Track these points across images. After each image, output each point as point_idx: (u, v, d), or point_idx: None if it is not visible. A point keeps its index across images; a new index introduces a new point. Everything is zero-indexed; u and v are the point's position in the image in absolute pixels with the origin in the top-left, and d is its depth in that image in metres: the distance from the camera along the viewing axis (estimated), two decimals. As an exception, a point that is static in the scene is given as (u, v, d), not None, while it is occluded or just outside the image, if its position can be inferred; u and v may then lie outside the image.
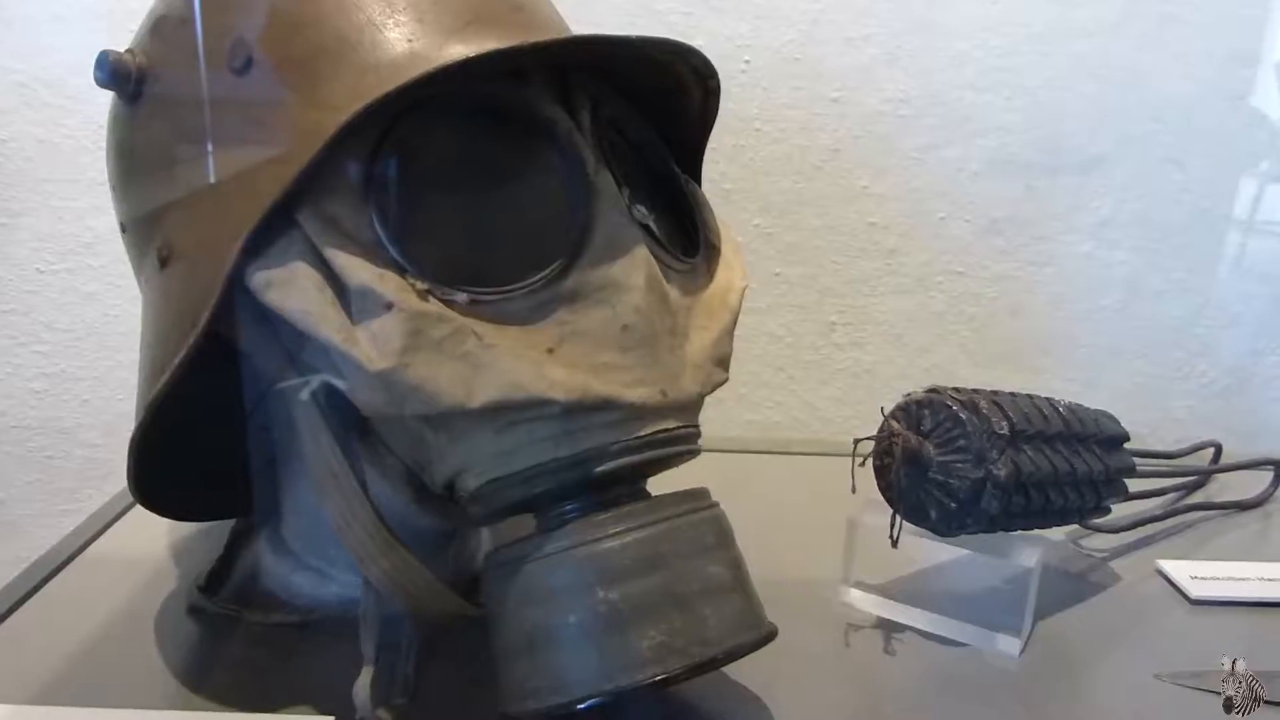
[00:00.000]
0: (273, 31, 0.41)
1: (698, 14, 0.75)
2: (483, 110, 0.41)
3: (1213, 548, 0.67)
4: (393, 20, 0.41)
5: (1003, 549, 0.53)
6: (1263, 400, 0.84)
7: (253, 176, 0.39)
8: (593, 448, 0.40)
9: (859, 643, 0.53)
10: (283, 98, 0.40)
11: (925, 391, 0.52)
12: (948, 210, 0.79)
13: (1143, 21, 0.75)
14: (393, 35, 0.41)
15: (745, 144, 0.78)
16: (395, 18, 0.41)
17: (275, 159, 0.39)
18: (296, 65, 0.40)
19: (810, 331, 0.82)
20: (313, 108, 0.39)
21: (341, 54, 0.40)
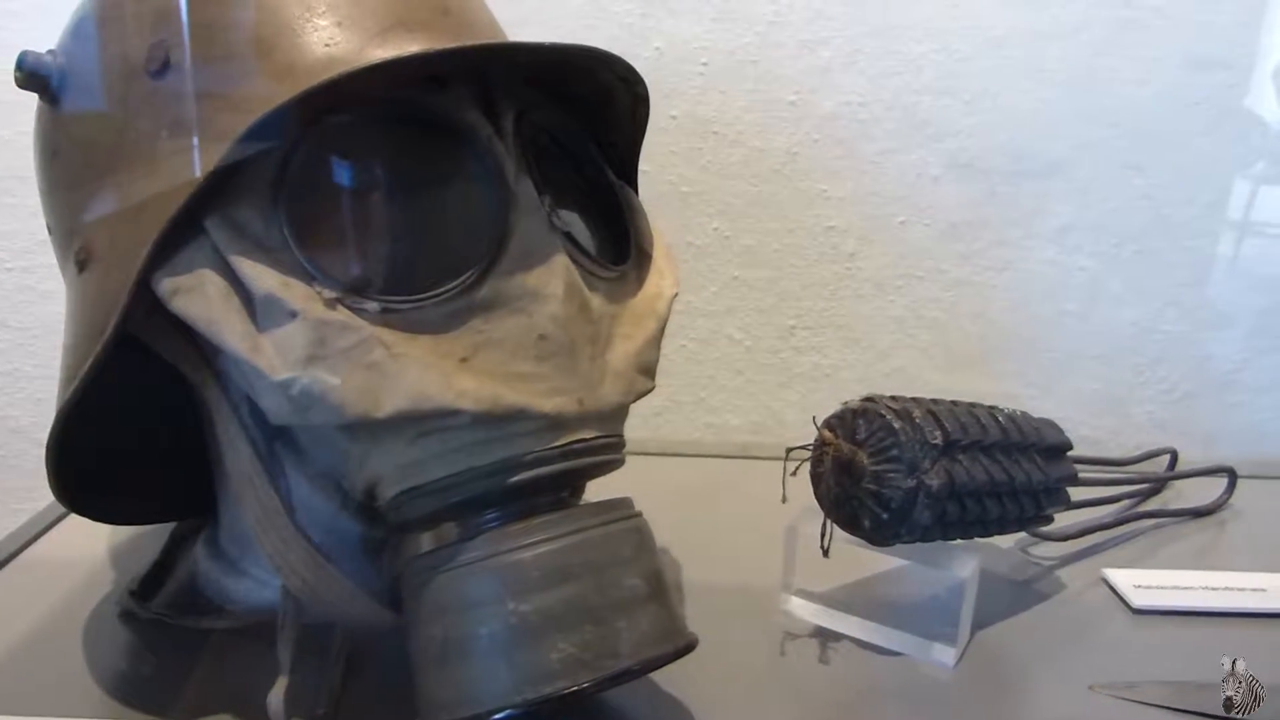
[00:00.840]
0: (190, 34, 0.41)
1: (654, 16, 0.75)
2: (399, 116, 0.41)
3: (1163, 556, 0.66)
4: (311, 24, 0.40)
5: (940, 558, 0.52)
6: (1223, 406, 0.84)
7: (164, 181, 0.39)
8: (507, 458, 0.40)
9: (795, 652, 0.53)
10: (198, 101, 0.40)
11: (861, 400, 0.51)
12: (907, 214, 0.79)
13: (1102, 26, 0.75)
14: (311, 39, 0.40)
15: (703, 147, 0.77)
16: (315, 22, 0.41)
17: (187, 164, 0.38)
18: (212, 68, 0.40)
19: (769, 335, 0.81)
20: (227, 111, 0.39)
21: (258, 58, 0.40)
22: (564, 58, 0.43)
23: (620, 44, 0.74)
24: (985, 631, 0.55)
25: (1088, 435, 0.84)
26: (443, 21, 0.43)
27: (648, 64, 0.76)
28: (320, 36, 0.40)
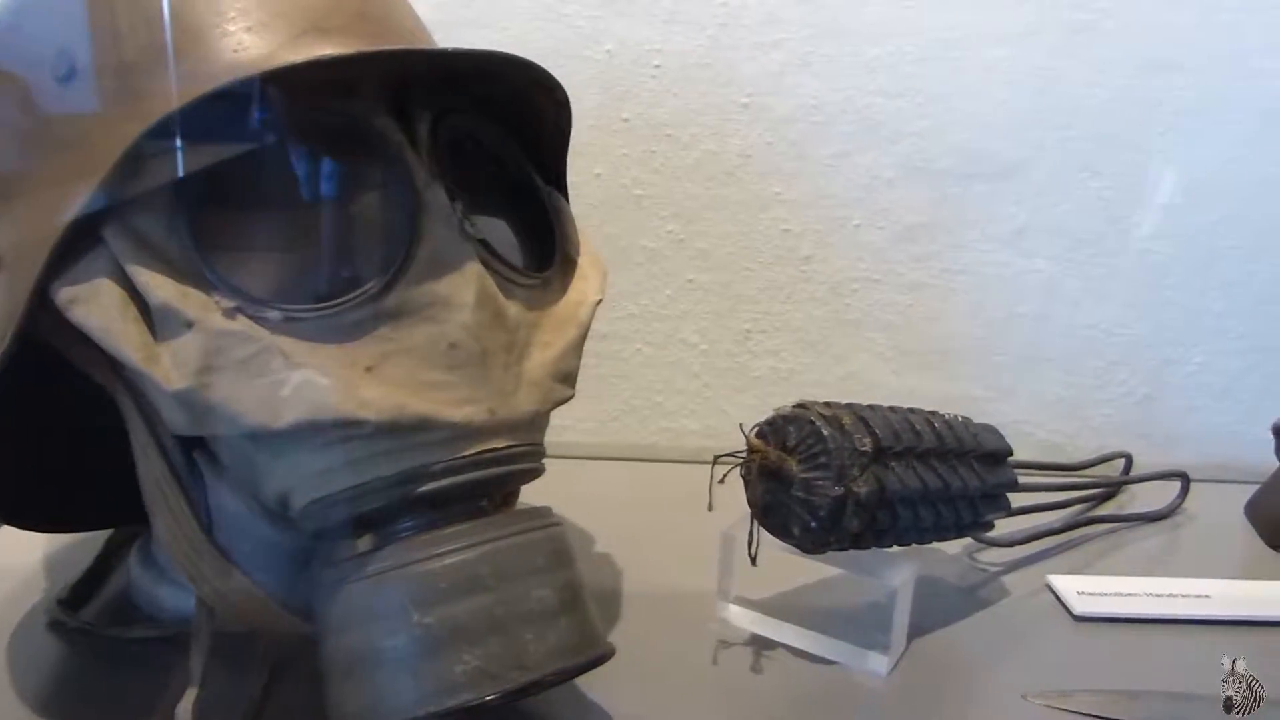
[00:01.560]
0: (96, 39, 0.40)
1: (605, 18, 0.74)
2: (306, 123, 0.40)
3: (1113, 562, 0.66)
4: (221, 30, 0.40)
5: (875, 566, 0.52)
6: (1182, 409, 0.83)
7: (67, 188, 0.38)
8: (414, 467, 0.39)
9: (727, 661, 0.52)
10: (103, 107, 0.40)
11: (793, 407, 0.51)
12: (862, 217, 0.78)
13: (1056, 28, 0.75)
14: (219, 45, 0.40)
15: (656, 150, 0.77)
16: (224, 28, 0.40)
17: (88, 170, 0.38)
18: (118, 74, 0.40)
19: (725, 339, 0.81)
20: (131, 119, 0.38)
21: (164, 64, 0.39)
22: (473, 64, 0.42)
23: (571, 46, 0.74)
24: (924, 639, 0.55)
25: (1046, 439, 0.84)
26: (358, 26, 0.43)
27: (599, 66, 0.75)
28: (229, 43, 0.40)
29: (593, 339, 0.80)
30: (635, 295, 0.80)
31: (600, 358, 0.81)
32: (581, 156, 0.77)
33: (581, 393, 0.82)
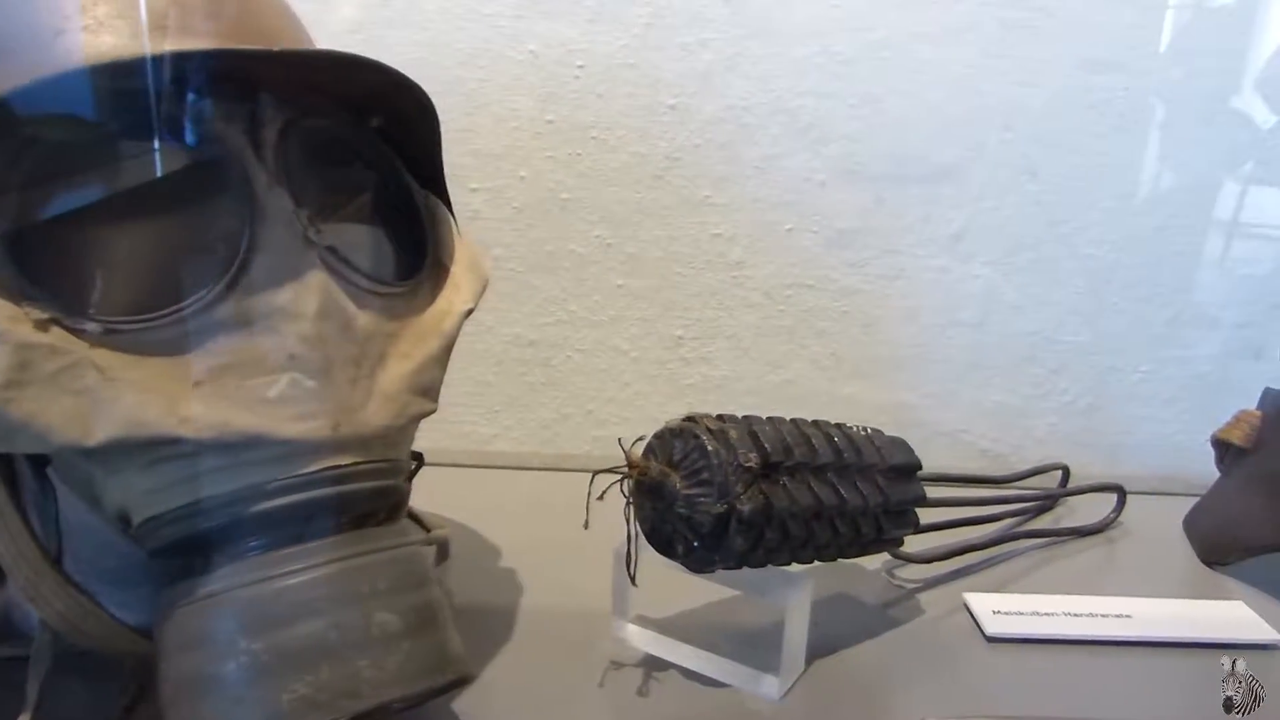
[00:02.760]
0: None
1: (528, 18, 0.73)
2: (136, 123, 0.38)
3: (1043, 578, 0.64)
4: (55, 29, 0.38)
5: (769, 585, 0.50)
6: (1128, 419, 0.81)
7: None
8: (247, 486, 0.37)
9: (615, 682, 0.50)
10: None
11: (682, 420, 0.49)
12: (794, 221, 0.76)
13: (988, 27, 0.73)
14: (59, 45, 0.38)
15: (582, 152, 0.75)
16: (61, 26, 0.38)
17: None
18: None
19: (656, 345, 0.79)
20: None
21: (0, 63, 0.38)
22: (315, 65, 0.40)
23: (493, 47, 0.72)
24: (828, 659, 0.53)
25: (988, 449, 0.82)
26: (209, 26, 0.41)
27: (522, 67, 0.73)
28: (64, 41, 0.38)
29: (521, 346, 0.79)
30: (564, 301, 0.78)
31: (529, 365, 0.79)
32: (506, 159, 0.75)
33: (512, 401, 0.81)
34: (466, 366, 0.79)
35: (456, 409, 0.81)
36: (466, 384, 0.80)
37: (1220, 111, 0.74)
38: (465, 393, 0.80)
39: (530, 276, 0.77)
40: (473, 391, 0.80)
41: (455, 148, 0.75)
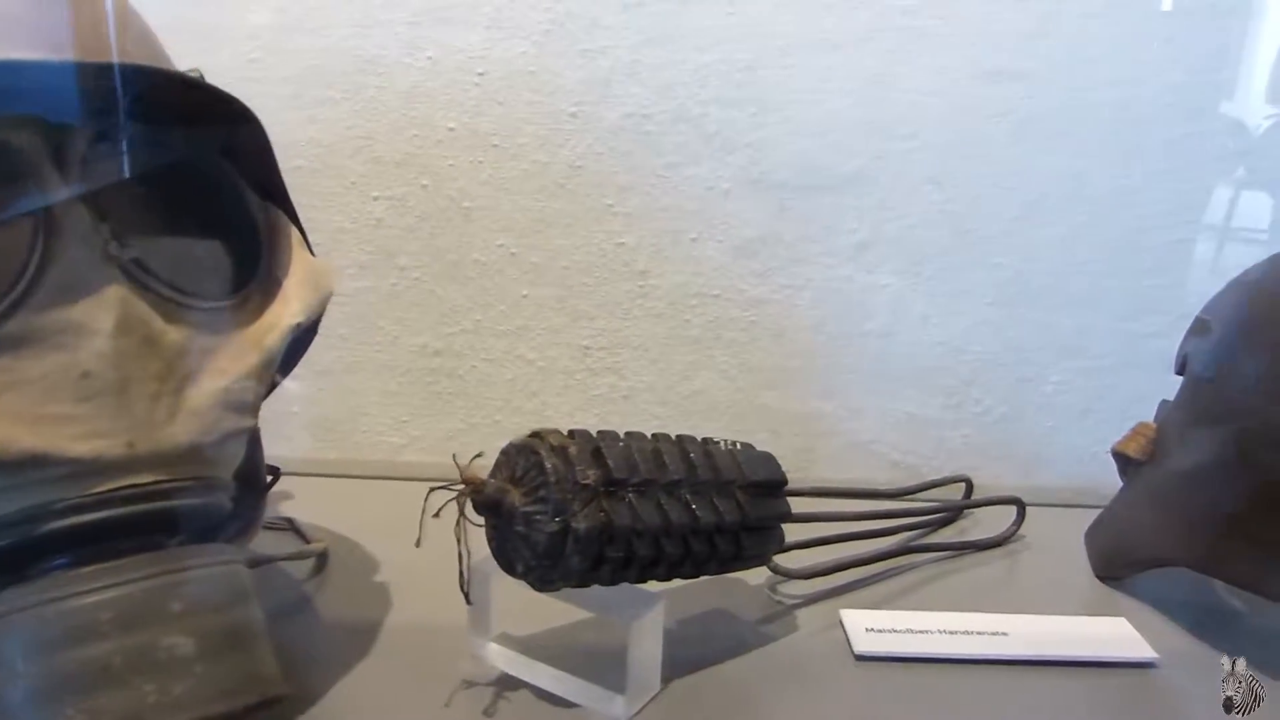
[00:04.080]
0: None
1: (426, 24, 0.72)
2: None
3: (935, 594, 0.63)
4: None
5: (619, 603, 0.49)
6: (1042, 430, 0.80)
7: None
8: (35, 506, 0.37)
9: (463, 702, 0.49)
10: None
11: (528, 435, 0.48)
12: (699, 230, 0.76)
13: (892, 34, 0.72)
14: None
15: (483, 160, 0.74)
16: None
17: None
18: None
19: (563, 356, 0.78)
20: None
21: None
22: (115, 78, 0.40)
23: (391, 54, 0.72)
24: (690, 678, 0.52)
25: (900, 460, 0.81)
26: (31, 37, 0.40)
27: (421, 74, 0.73)
28: None
29: (428, 355, 0.79)
30: (469, 311, 0.77)
31: (436, 375, 0.79)
32: (406, 167, 0.74)
33: (419, 411, 0.80)
34: (373, 377, 0.79)
35: (365, 419, 0.80)
36: (373, 394, 0.79)
37: (1125, 120, 0.74)
38: (373, 403, 0.79)
39: (435, 286, 0.77)
40: (380, 402, 0.79)
41: (356, 156, 0.74)
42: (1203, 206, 0.75)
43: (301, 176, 0.74)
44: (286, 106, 0.73)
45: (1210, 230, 0.76)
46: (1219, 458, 0.57)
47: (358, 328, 0.77)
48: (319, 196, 0.75)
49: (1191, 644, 0.58)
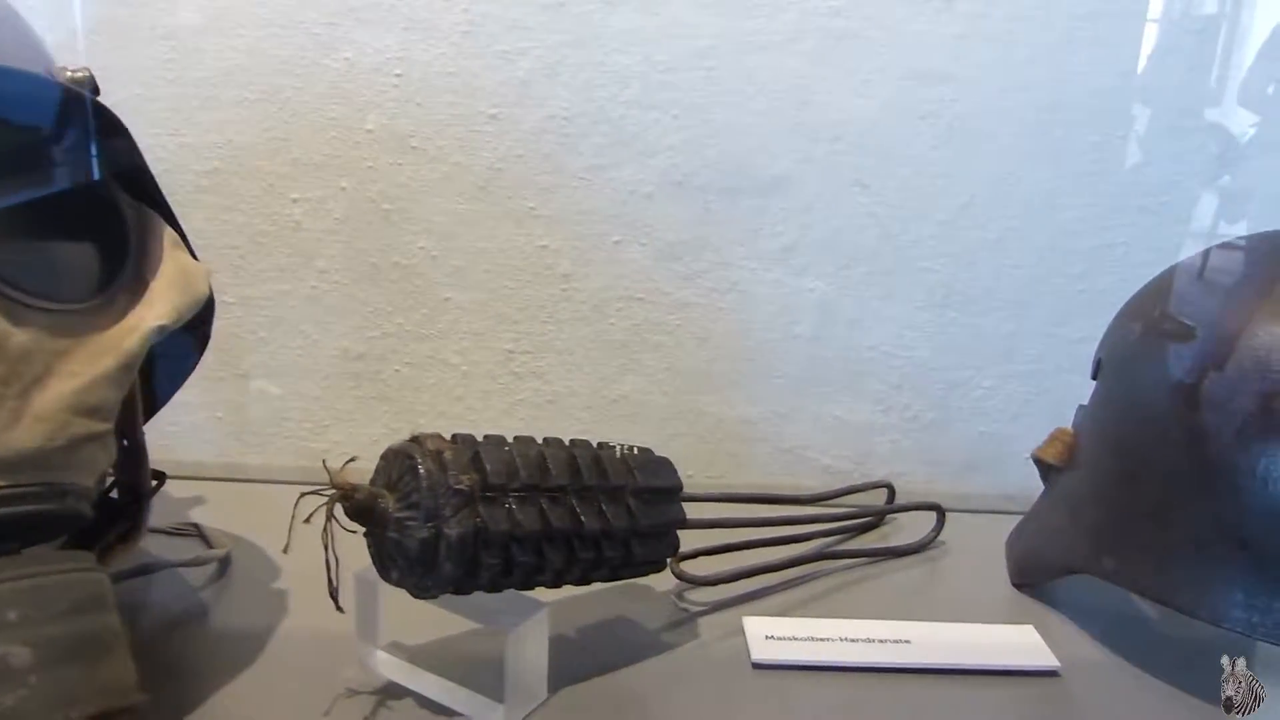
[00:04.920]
0: None
1: (343, 25, 0.71)
2: None
3: (847, 600, 0.62)
4: None
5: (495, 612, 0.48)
6: (973, 435, 0.80)
7: None
8: None
9: (344, 712, 0.48)
10: None
11: (408, 440, 0.47)
12: (622, 234, 0.75)
13: (816, 36, 0.71)
14: None
15: (403, 162, 0.73)
16: None
17: None
18: None
19: (487, 360, 0.77)
20: None
21: None
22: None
23: (308, 54, 0.71)
24: (578, 687, 0.51)
25: (830, 465, 0.80)
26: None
27: (339, 75, 0.72)
28: None
29: (349, 359, 0.77)
30: (390, 314, 0.76)
31: (359, 379, 0.78)
32: (325, 169, 0.73)
33: (341, 416, 0.79)
34: (294, 381, 0.78)
35: (287, 424, 0.79)
36: (295, 399, 0.78)
37: (1053, 123, 0.73)
38: (295, 408, 0.78)
39: (355, 289, 0.76)
40: (302, 407, 0.78)
41: (274, 157, 0.73)
42: (1132, 210, 0.75)
43: (219, 178, 0.73)
44: (203, 107, 0.72)
45: (1140, 234, 0.75)
46: (1122, 464, 0.56)
47: (278, 331, 0.76)
48: (237, 198, 0.74)
49: (1099, 652, 0.57)
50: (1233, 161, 0.74)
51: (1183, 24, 0.72)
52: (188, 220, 0.73)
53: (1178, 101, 0.73)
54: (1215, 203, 0.74)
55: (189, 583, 0.60)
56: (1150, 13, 0.71)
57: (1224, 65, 0.72)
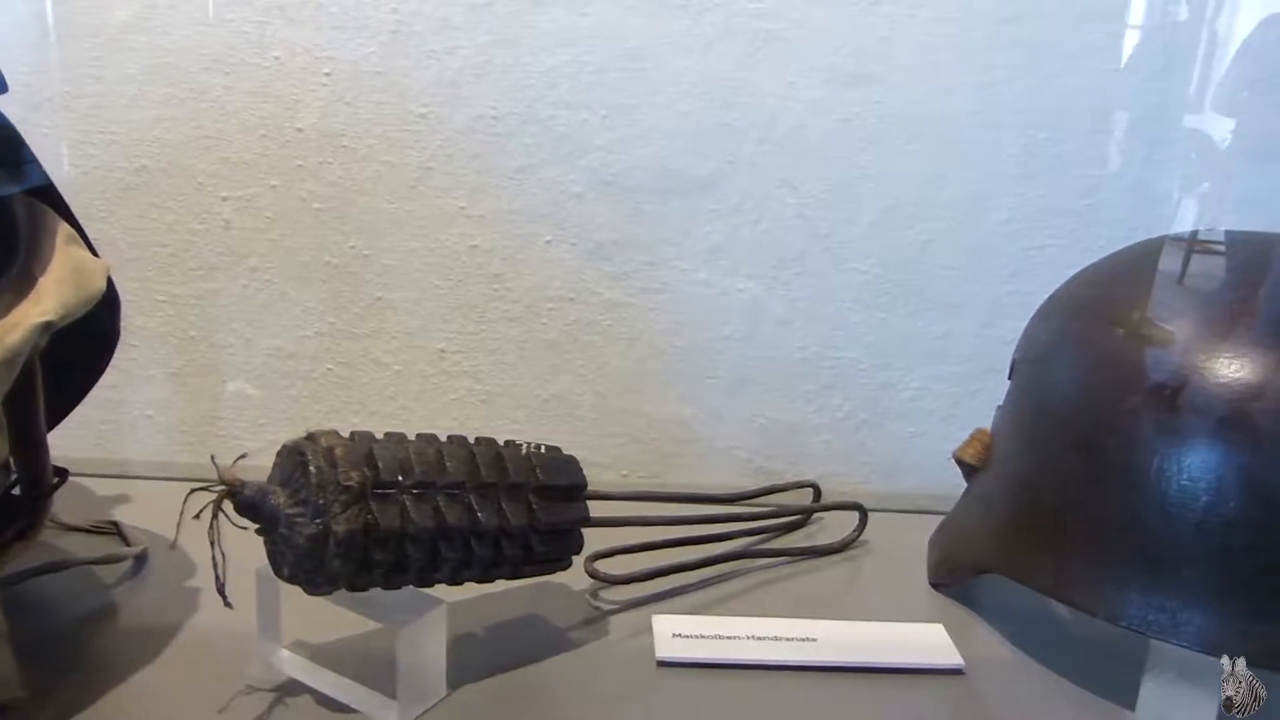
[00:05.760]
0: None
1: (271, 24, 0.71)
2: None
3: (765, 598, 0.62)
4: None
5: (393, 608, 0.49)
6: (904, 435, 0.80)
7: None
8: None
9: (240, 707, 0.48)
10: None
11: (304, 437, 0.47)
12: (553, 233, 0.75)
13: (741, 38, 0.72)
14: None
15: (333, 161, 0.73)
16: None
17: None
18: None
19: (419, 359, 0.77)
20: None
21: None
22: None
23: (237, 53, 0.71)
24: (478, 685, 0.51)
25: (763, 465, 0.80)
26: None
27: (268, 74, 0.72)
28: None
29: (282, 358, 0.77)
30: (322, 313, 0.76)
31: (291, 378, 0.78)
32: (254, 168, 0.74)
33: (273, 415, 0.79)
34: (227, 380, 0.78)
35: (220, 423, 0.79)
36: (227, 398, 0.78)
37: (979, 124, 0.74)
38: (227, 406, 0.78)
39: (287, 287, 0.76)
40: (234, 405, 0.78)
41: (204, 156, 0.73)
42: (1059, 213, 0.75)
43: (147, 176, 0.73)
44: (132, 105, 0.72)
45: (1067, 236, 0.76)
46: (1028, 464, 0.57)
47: (209, 330, 0.76)
48: (166, 197, 0.74)
49: (1007, 651, 0.57)
50: (1158, 164, 0.75)
51: (1107, 26, 0.72)
52: (116, 219, 0.75)
53: (1102, 104, 0.73)
54: (1139, 205, 0.75)
55: (102, 580, 0.60)
56: (1074, 15, 0.72)
57: (1149, 67, 0.73)
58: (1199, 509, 0.48)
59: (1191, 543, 0.48)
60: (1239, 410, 0.47)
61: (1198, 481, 0.48)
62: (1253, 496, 0.47)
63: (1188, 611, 0.48)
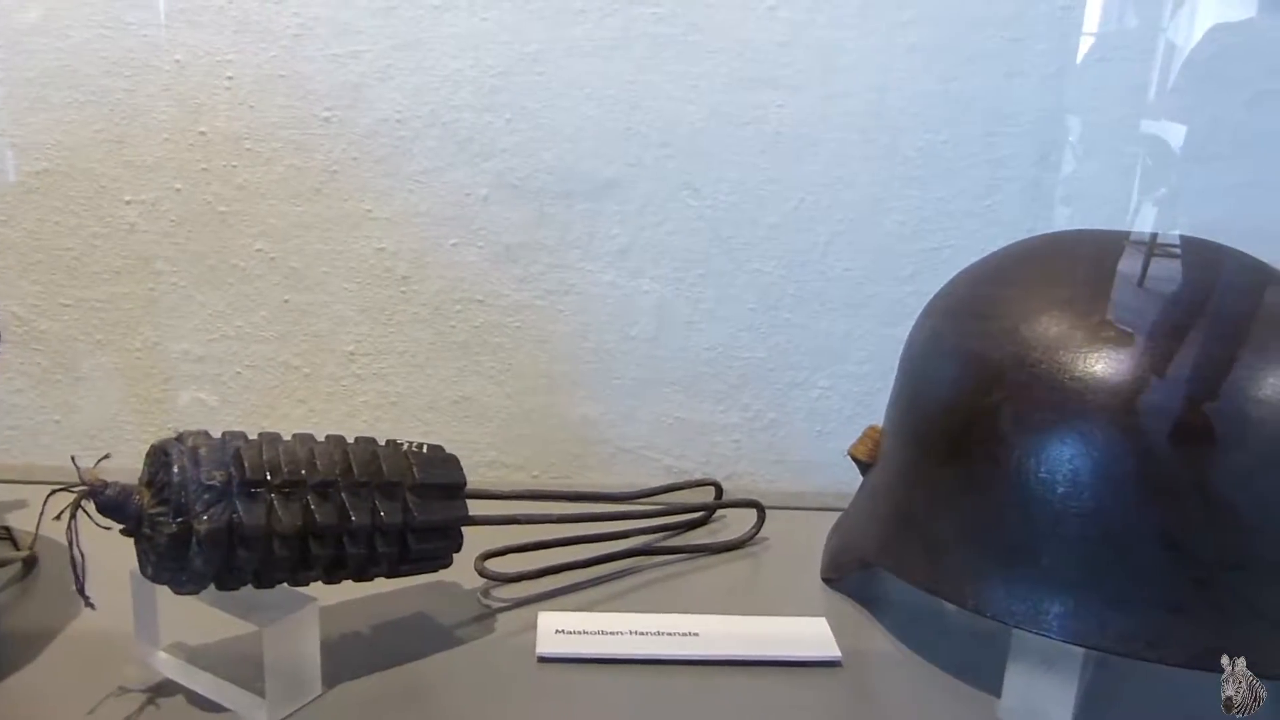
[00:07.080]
0: None
1: (173, 27, 0.71)
2: None
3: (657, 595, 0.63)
4: None
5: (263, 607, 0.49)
6: (811, 434, 0.81)
7: None
8: None
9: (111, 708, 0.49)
10: None
11: (173, 437, 0.48)
12: (459, 236, 0.76)
13: (641, 42, 0.72)
14: None
15: (237, 164, 0.74)
16: None
17: None
18: None
19: (328, 362, 0.78)
20: None
21: None
22: None
23: (138, 56, 0.71)
24: (355, 683, 0.52)
25: (673, 465, 0.81)
26: None
27: (169, 77, 0.72)
28: None
29: (190, 362, 0.78)
30: (229, 317, 0.76)
31: (200, 382, 0.78)
32: (158, 171, 0.74)
33: (182, 419, 0.79)
34: (134, 384, 0.77)
35: (126, 428, 0.79)
36: (134, 401, 0.78)
37: (878, 127, 0.75)
38: (135, 411, 0.78)
39: (193, 291, 0.76)
40: (142, 410, 0.78)
41: (107, 159, 0.73)
42: (957, 214, 0.77)
43: (49, 179, 0.73)
44: (32, 108, 0.72)
45: (965, 237, 0.77)
46: (907, 459, 0.58)
47: (116, 334, 0.76)
48: (68, 200, 0.74)
49: (888, 644, 0.59)
50: (1053, 165, 0.76)
51: (1002, 31, 0.74)
52: (18, 222, 0.74)
53: (997, 106, 0.75)
54: (1035, 206, 0.76)
55: (-11, 585, 0.60)
56: (968, 20, 0.73)
57: (1043, 71, 0.74)
58: (1056, 501, 0.49)
59: (1050, 534, 0.49)
60: (1091, 404, 0.49)
61: (1054, 474, 0.49)
62: (1105, 487, 0.48)
63: (1048, 601, 0.50)
